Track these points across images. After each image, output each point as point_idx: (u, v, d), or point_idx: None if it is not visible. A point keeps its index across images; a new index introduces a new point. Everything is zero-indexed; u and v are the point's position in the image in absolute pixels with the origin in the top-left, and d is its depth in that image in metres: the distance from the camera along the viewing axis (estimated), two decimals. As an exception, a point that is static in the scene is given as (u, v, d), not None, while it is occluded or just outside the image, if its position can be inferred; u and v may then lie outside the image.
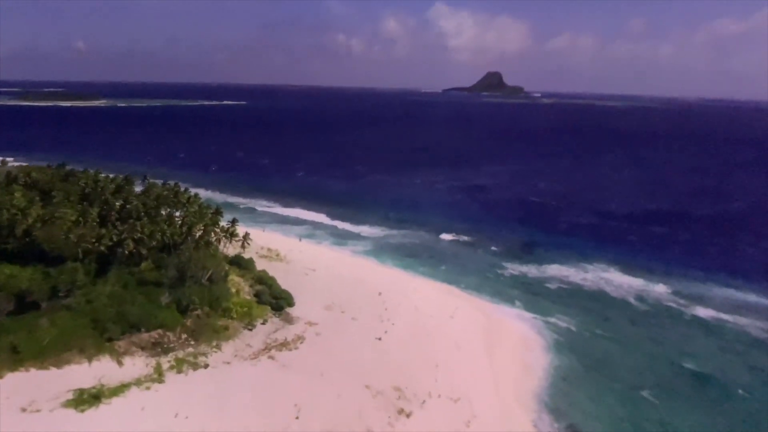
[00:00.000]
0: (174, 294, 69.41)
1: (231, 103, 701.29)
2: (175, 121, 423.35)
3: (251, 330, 69.56)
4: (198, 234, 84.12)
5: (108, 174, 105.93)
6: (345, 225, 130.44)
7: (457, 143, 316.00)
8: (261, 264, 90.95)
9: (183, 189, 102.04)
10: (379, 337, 69.53)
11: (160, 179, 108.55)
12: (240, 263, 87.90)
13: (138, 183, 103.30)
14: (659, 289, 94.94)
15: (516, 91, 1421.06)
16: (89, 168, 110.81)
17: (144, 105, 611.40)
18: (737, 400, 62.82)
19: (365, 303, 79.72)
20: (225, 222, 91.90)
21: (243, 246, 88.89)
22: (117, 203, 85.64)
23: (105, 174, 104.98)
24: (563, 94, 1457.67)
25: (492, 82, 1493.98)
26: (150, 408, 51.58)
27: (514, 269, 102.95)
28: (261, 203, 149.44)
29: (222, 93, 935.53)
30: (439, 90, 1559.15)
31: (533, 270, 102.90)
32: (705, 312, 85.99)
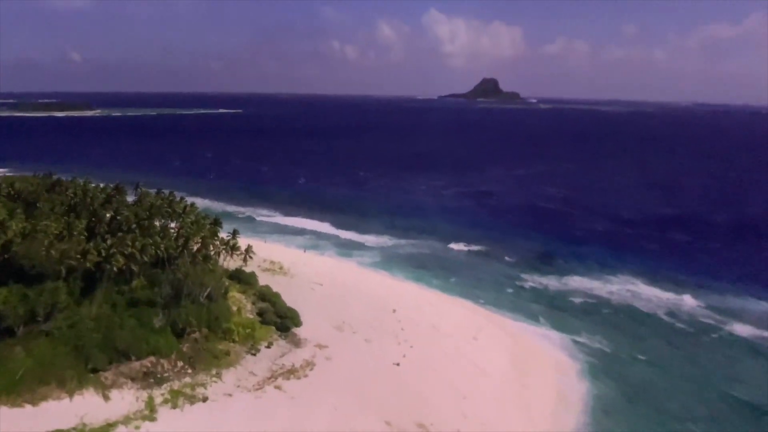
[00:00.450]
0: (169, 315, 62.49)
1: (227, 111, 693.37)
2: (171, 130, 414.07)
3: (255, 355, 62.61)
4: (195, 247, 77.02)
5: (98, 183, 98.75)
6: (349, 234, 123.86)
7: (459, 148, 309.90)
8: (263, 278, 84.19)
9: (178, 198, 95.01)
10: (397, 363, 62.59)
11: (153, 188, 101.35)
12: (241, 278, 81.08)
13: (130, 192, 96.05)
14: (690, 303, 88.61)
15: (512, 97, 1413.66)
16: (79, 177, 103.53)
17: (139, 114, 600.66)
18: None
19: (378, 321, 72.90)
20: (225, 233, 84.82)
21: (245, 260, 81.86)
22: (107, 214, 78.69)
23: (95, 183, 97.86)
24: (559, 99, 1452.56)
25: (488, 88, 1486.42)
26: (140, 453, 44.61)
27: (533, 281, 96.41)
28: (261, 212, 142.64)
29: (217, 101, 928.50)
30: (435, 96, 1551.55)
31: (554, 282, 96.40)
32: (744, 329, 79.39)
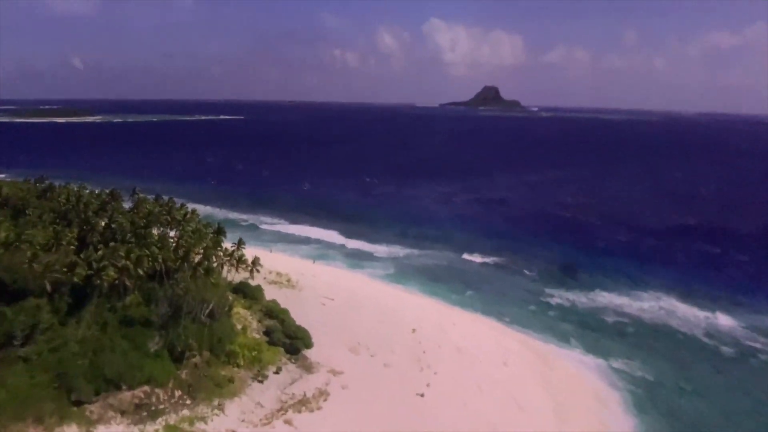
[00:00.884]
0: (166, 336, 55.88)
1: (228, 118, 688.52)
2: (172, 136, 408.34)
3: (262, 382, 55.85)
4: (196, 259, 70.25)
5: (93, 189, 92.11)
6: (358, 243, 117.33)
7: (466, 155, 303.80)
8: (269, 291, 77.51)
9: (179, 204, 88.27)
10: (421, 393, 55.76)
11: (152, 194, 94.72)
12: (246, 291, 74.40)
13: (126, 198, 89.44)
14: (729, 323, 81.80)
15: (513, 105, 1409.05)
16: (74, 183, 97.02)
17: (140, 120, 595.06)
18: None
19: (398, 343, 66.12)
20: (229, 243, 78.00)
21: (252, 273, 75.07)
22: (101, 222, 72.07)
23: (90, 189, 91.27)
24: (560, 108, 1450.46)
25: (488, 96, 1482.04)
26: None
27: (559, 297, 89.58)
28: (264, 219, 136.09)
29: (219, 108, 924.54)
30: (436, 104, 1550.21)
31: (581, 298, 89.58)
32: (791, 352, 72.63)
